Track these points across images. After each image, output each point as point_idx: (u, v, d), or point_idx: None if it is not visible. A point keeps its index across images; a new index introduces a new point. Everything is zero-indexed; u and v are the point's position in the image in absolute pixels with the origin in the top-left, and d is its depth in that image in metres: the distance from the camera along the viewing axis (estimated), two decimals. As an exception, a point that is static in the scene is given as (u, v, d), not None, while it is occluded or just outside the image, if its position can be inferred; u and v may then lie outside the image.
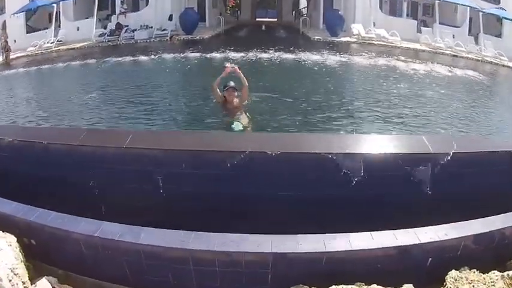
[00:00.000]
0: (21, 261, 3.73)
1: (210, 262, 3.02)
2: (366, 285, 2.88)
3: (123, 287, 3.56)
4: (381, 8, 23.93)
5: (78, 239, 3.46)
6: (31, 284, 3.65)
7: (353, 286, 2.84)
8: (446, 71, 12.71)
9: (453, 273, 3.30)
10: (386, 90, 9.22)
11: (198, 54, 13.12)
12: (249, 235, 3.05)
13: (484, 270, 3.36)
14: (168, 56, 13.74)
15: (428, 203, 3.96)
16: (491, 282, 3.27)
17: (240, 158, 3.75)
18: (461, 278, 3.29)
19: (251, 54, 12.55)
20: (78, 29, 24.36)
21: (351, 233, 3.11)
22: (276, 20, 35.34)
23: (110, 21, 23.73)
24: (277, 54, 13.35)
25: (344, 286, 2.84)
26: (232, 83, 6.25)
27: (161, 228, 3.20)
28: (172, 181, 3.92)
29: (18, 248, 3.77)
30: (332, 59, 12.79)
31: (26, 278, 3.66)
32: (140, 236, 3.09)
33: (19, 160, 4.57)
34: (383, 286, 2.95)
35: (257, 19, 35.54)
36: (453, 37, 21.82)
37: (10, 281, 3.50)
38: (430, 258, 3.33)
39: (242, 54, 12.07)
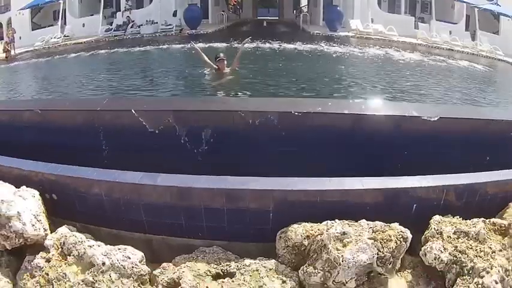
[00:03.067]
0: (43, 212, 4.09)
1: (217, 202, 3.39)
2: (355, 221, 3.21)
3: (139, 234, 3.92)
4: (380, 5, 24.30)
5: (99, 187, 3.82)
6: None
7: (344, 221, 3.18)
8: (440, 61, 13.12)
9: (437, 217, 3.64)
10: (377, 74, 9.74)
11: (205, 45, 13.66)
12: (254, 177, 3.40)
13: (467, 221, 3.71)
14: (177, 46, 14.46)
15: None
16: (472, 224, 3.62)
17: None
18: (444, 221, 3.65)
19: (253, 45, 13.06)
20: (83, 26, 24.89)
21: (344, 177, 3.46)
22: (277, 18, 35.68)
23: (116, 18, 24.13)
24: (277, 45, 13.94)
25: (336, 221, 3.17)
26: (222, 55, 7.65)
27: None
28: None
29: (41, 201, 4.13)
30: (327, 48, 13.40)
31: (47, 226, 4.02)
32: (157, 179, 3.44)
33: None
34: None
35: (258, 17, 35.87)
36: (450, 33, 22.21)
37: (33, 225, 3.85)
38: (415, 205, 3.69)
39: (246, 44, 12.68)
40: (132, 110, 4.36)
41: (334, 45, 14.36)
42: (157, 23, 21.15)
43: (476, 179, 3.98)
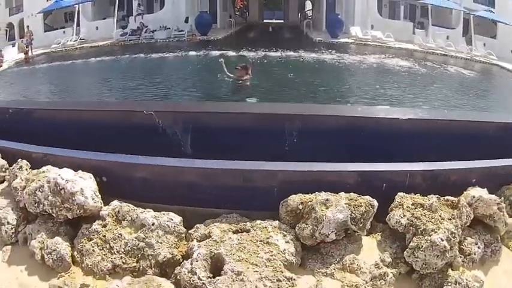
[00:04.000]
0: (98, 190, 5.29)
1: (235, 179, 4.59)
2: (335, 194, 4.39)
3: (175, 206, 5.10)
4: (380, 11, 25.30)
5: (143, 169, 5.02)
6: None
7: (328, 193, 4.35)
8: (428, 68, 14.26)
9: (401, 193, 4.81)
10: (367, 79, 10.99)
11: (217, 52, 14.82)
12: (264, 162, 4.60)
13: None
14: (193, 53, 15.59)
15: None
16: (427, 199, 4.77)
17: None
18: (406, 196, 4.80)
19: (260, 53, 14.25)
20: (97, 28, 26.06)
21: (330, 162, 4.65)
22: (282, 21, 36.89)
23: (128, 22, 25.18)
24: (282, 53, 15.10)
25: (322, 192, 4.35)
26: (240, 66, 9.81)
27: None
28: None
29: (95, 182, 5.33)
30: (327, 57, 14.58)
31: (101, 201, 5.22)
32: (195, 162, 4.65)
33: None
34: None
35: (264, 20, 37.11)
36: (447, 38, 23.17)
37: (93, 199, 5.03)
38: (384, 184, 4.86)
39: (253, 53, 13.85)
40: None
41: (333, 53, 15.48)
42: (169, 28, 22.16)
43: (436, 166, 5.14)
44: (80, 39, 23.68)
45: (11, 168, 5.66)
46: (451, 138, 5.56)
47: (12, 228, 5.14)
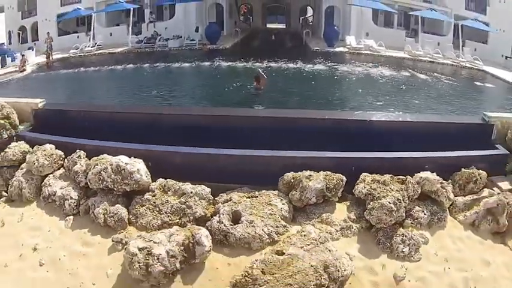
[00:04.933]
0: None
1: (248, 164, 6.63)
2: (316, 172, 6.39)
3: (204, 182, 7.11)
4: (376, 19, 26.95)
5: (180, 155, 7.05)
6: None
7: (311, 172, 6.35)
8: (407, 76, 16.33)
9: (364, 173, 6.79)
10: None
11: (226, 63, 16.87)
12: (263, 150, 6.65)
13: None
14: (206, 64, 17.54)
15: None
16: (383, 177, 6.75)
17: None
18: (368, 175, 6.78)
19: (264, 64, 16.34)
20: (111, 35, 27.33)
21: (314, 151, 6.66)
22: (284, 26, 38.78)
23: (140, 29, 26.84)
24: (283, 64, 17.07)
25: (308, 171, 6.36)
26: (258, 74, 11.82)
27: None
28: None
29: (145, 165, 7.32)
30: (322, 68, 16.69)
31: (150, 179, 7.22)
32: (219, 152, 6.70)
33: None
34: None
35: (268, 25, 39.02)
36: (438, 44, 24.67)
37: (146, 176, 7.01)
38: (353, 167, 6.86)
39: (258, 64, 15.90)
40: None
41: (327, 64, 17.39)
42: (181, 37, 23.99)
43: (394, 155, 7.17)
44: (97, 45, 24.90)
45: (70, 157, 7.65)
46: (414, 134, 7.57)
47: (74, 202, 7.05)
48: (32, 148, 8.02)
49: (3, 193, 7.88)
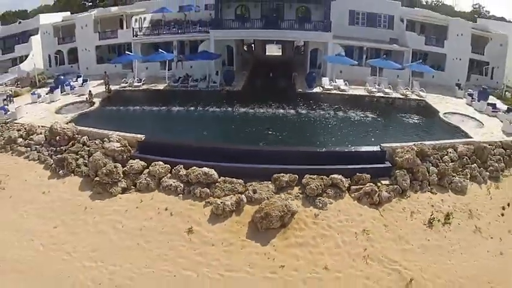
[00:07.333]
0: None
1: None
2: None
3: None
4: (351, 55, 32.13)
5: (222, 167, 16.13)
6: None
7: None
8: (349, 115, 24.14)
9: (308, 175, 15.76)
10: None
11: (242, 109, 24.47)
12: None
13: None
14: (229, 109, 24.89)
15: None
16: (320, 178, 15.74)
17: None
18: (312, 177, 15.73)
19: (263, 110, 24.58)
20: (147, 68, 33.14)
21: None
22: (280, 54, 47.19)
23: (169, 66, 32.14)
24: (274, 110, 24.63)
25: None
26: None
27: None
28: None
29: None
30: (301, 111, 24.55)
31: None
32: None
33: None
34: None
35: (267, 50, 47.25)
36: (398, 77, 30.22)
37: (215, 176, 16.13)
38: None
39: (262, 110, 24.28)
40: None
41: (304, 107, 24.96)
42: (205, 78, 30.74)
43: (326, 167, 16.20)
44: (142, 80, 30.67)
45: (175, 167, 16.86)
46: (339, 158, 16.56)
47: (181, 189, 16.34)
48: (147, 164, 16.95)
49: (132, 187, 16.58)
